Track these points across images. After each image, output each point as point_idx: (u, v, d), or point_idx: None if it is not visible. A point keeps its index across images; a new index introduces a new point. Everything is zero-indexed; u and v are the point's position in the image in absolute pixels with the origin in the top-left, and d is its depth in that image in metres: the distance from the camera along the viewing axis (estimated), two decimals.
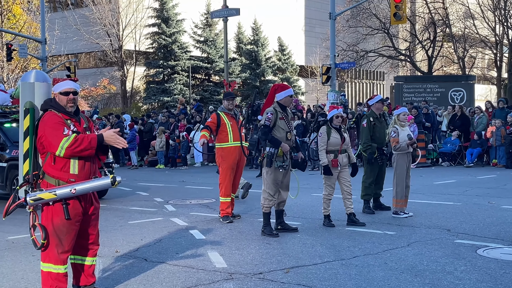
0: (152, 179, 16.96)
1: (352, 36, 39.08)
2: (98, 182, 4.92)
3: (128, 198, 12.78)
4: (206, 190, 13.90)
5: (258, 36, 46.73)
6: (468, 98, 26.25)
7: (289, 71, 48.53)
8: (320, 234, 8.25)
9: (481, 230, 8.19)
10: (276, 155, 8.04)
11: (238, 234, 8.36)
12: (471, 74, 38.77)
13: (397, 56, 39.75)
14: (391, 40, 38.35)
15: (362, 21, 38.08)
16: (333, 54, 24.92)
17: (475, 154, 17.99)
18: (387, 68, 43.08)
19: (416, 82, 28.58)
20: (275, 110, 8.13)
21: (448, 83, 27.82)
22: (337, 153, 8.77)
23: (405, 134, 9.41)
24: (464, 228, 8.39)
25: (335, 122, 8.83)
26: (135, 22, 43.88)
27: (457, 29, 40.79)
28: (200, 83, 44.65)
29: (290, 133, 8.18)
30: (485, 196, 11.47)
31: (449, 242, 7.47)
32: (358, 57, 38.14)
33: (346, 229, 8.50)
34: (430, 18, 38.27)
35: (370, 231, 8.30)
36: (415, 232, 8.15)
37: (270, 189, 8.17)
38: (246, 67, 45.78)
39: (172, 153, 21.18)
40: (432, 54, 38.74)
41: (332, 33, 25.16)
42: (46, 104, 5.01)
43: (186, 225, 9.19)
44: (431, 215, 9.46)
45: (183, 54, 42.56)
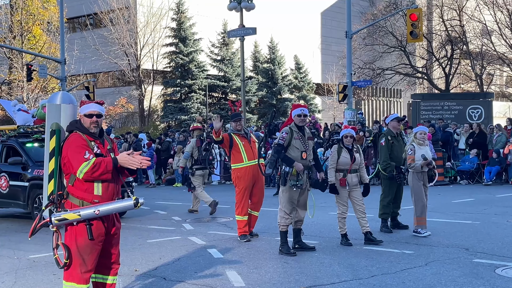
0: (170, 198, 17.06)
1: (369, 54, 39.19)
2: (121, 203, 5.02)
3: (146, 216, 12.89)
4: (223, 208, 13.95)
5: (274, 54, 47.00)
6: (486, 115, 26.14)
7: (305, 89, 48.66)
8: (337, 253, 8.27)
9: (500, 249, 8.16)
10: (290, 174, 8.11)
11: (256, 253, 8.41)
12: (489, 91, 38.63)
13: (414, 74, 39.73)
14: (408, 57, 38.37)
15: (379, 39, 38.20)
16: (349, 72, 25.02)
17: (494, 172, 17.89)
18: (404, 86, 43.02)
19: (434, 100, 28.52)
20: (290, 130, 8.23)
21: (466, 101, 27.73)
22: (346, 173, 8.84)
23: (420, 153, 9.39)
24: (482, 247, 8.37)
25: (345, 142, 8.92)
26: (152, 41, 44.38)
27: (474, 47, 40.69)
28: (217, 102, 44.90)
29: (306, 152, 8.24)
30: (503, 215, 11.41)
31: (468, 261, 7.45)
32: (374, 74, 38.20)
33: (364, 248, 8.51)
34: (447, 36, 38.28)
35: (387, 250, 8.31)
36: (433, 251, 8.14)
37: (286, 207, 8.24)
38: (262, 86, 46.01)
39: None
40: (449, 71, 38.68)
41: (348, 51, 25.28)
42: (72, 126, 5.15)
43: (204, 243, 9.26)
44: (449, 234, 9.44)
45: (200, 73, 42.90)
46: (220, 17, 44.66)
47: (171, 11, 43.71)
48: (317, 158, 8.65)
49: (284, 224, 8.27)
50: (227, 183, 21.44)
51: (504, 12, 38.47)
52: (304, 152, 8.23)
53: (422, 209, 9.38)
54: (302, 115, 8.26)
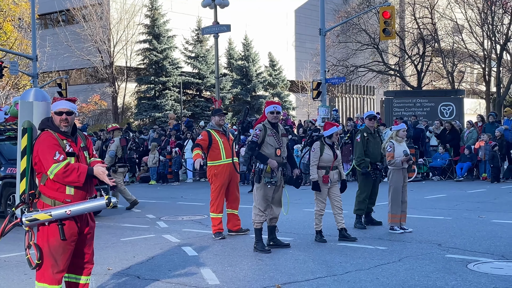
0: (144, 196, 16.93)
1: (342, 51, 39.38)
2: (93, 203, 4.95)
3: (120, 215, 12.77)
4: (198, 206, 13.91)
5: (249, 51, 46.96)
6: (457, 112, 26.43)
7: (280, 86, 48.73)
8: (312, 249, 8.29)
9: (472, 245, 8.26)
10: (264, 171, 8.11)
11: (231, 251, 8.39)
12: (460, 88, 39.14)
13: (387, 71, 40.06)
14: (381, 55, 38.66)
15: (352, 36, 38.41)
16: (323, 69, 25.10)
17: (465, 168, 18.13)
18: (377, 83, 43.36)
19: (406, 97, 28.75)
20: (264, 127, 8.23)
21: (438, 98, 28.01)
22: (329, 170, 8.84)
23: (401, 149, 9.44)
24: (454, 242, 8.46)
25: (333, 139, 8.92)
26: (126, 38, 44.01)
27: (446, 44, 41.20)
28: (191, 99, 44.73)
29: (280, 149, 8.24)
30: (475, 210, 11.57)
31: (440, 257, 7.53)
32: (348, 72, 38.40)
33: (338, 245, 8.55)
34: (419, 33, 38.66)
35: (361, 246, 8.36)
36: (406, 247, 8.21)
37: (260, 205, 8.23)
38: (237, 83, 45.95)
39: (162, 169, 21.19)
40: (421, 69, 39.07)
41: (322, 49, 25.36)
42: (43, 124, 5.04)
43: (178, 241, 9.20)
44: (422, 230, 9.53)
45: (174, 70, 42.68)
46: (194, 14, 44.48)
47: (144, 8, 43.38)
48: (291, 154, 8.65)
49: (258, 222, 8.27)
50: (201, 181, 21.37)
51: (474, 10, 39.01)
52: (278, 149, 8.23)
53: (397, 206, 9.42)
54: (275, 112, 8.26)
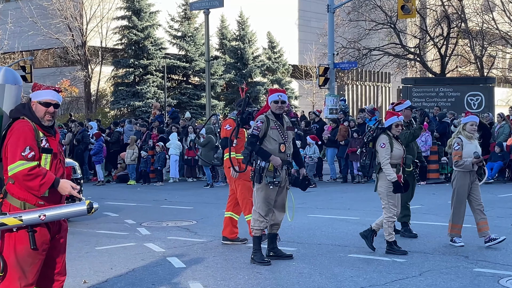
0: (122, 198, 16.95)
1: (354, 31, 39.38)
2: (72, 208, 4.92)
3: (94, 220, 12.77)
4: (185, 210, 13.92)
5: (244, 31, 46.98)
6: (487, 103, 26.58)
7: (280, 71, 48.80)
8: (318, 261, 8.31)
9: (504, 257, 8.30)
10: (266, 169, 8.12)
11: (224, 262, 8.41)
12: (490, 76, 39.18)
13: (405, 55, 40.07)
14: (398, 36, 38.66)
15: (365, 14, 38.39)
16: (331, 53, 25.15)
17: (496, 168, 18.18)
18: (394, 69, 43.40)
19: (427, 85, 28.88)
20: (266, 118, 8.22)
21: (464, 86, 28.14)
22: (399, 167, 8.81)
23: (471, 148, 9.15)
24: (484, 254, 8.51)
25: (394, 132, 8.85)
26: (101, 14, 43.96)
27: (474, 24, 41.20)
28: (177, 85, 44.73)
29: (285, 144, 8.24)
30: (507, 217, 11.62)
31: (467, 271, 7.57)
32: (360, 55, 38.39)
33: (349, 256, 8.58)
34: (443, 11, 38.65)
35: (376, 258, 8.40)
36: (428, 260, 8.25)
37: (261, 209, 8.22)
38: (230, 67, 45.97)
39: (144, 167, 21.20)
40: (445, 52, 39.09)
41: (330, 28, 25.41)
42: (18, 111, 4.98)
43: (163, 251, 9.22)
44: (446, 240, 9.56)
45: (157, 51, 42.66)
46: None
47: None
48: (297, 151, 8.65)
49: (258, 228, 8.26)
50: (188, 180, 21.37)
51: None
52: (282, 144, 8.22)
53: (459, 215, 9.25)
54: (279, 102, 8.25)
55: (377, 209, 13.27)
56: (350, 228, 10.84)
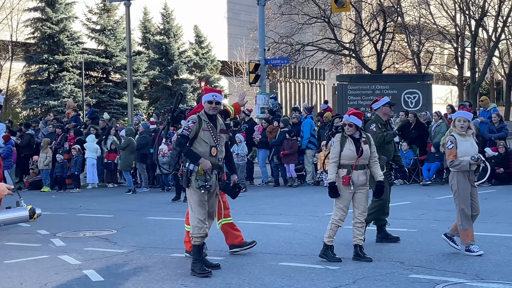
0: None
1: (286, 25, 39.75)
2: (11, 214, 4.81)
3: (3, 231, 12.45)
4: (104, 219, 13.75)
5: (169, 24, 46.75)
6: (424, 101, 27.11)
7: (208, 68, 48.78)
8: (247, 271, 8.33)
9: (440, 262, 8.50)
10: (196, 173, 8.10)
11: (146, 274, 8.34)
12: (428, 72, 40.21)
13: (340, 51, 40.70)
14: (333, 31, 39.24)
15: (298, 7, 38.82)
16: (262, 48, 25.29)
17: (433, 169, 18.63)
18: (329, 65, 44.02)
19: (363, 83, 29.27)
20: (199, 119, 8.19)
21: (401, 84, 28.63)
22: (351, 169, 8.80)
23: (466, 146, 9.01)
24: (420, 260, 8.69)
25: (346, 131, 8.84)
26: (11, 5, 42.94)
27: (411, 19, 42.24)
28: (96, 83, 44.14)
29: (216, 148, 8.20)
30: (445, 221, 11.88)
31: (403, 278, 7.71)
32: (293, 51, 38.80)
33: (280, 265, 8.63)
34: (378, 5, 39.44)
35: (308, 266, 8.47)
36: (362, 266, 8.37)
37: (199, 213, 8.14)
38: (154, 63, 45.67)
39: (59, 172, 20.83)
40: (381, 48, 39.90)
41: (261, 22, 25.54)
42: None
43: (79, 264, 9.08)
44: (381, 245, 9.74)
45: (74, 46, 42.01)
46: None
47: None
48: (230, 156, 8.61)
49: (198, 236, 8.15)
50: (109, 186, 21.10)
51: None
52: (214, 147, 8.19)
53: (468, 220, 9.03)
54: (214, 102, 8.22)
55: (310, 214, 13.46)
56: (282, 235, 10.92)
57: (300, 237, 10.73)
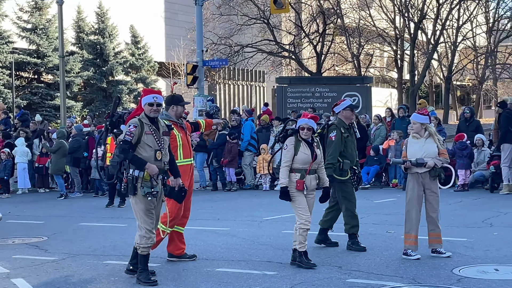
0: None
1: (225, 26, 39.78)
2: None
3: None
4: (34, 225, 13.52)
5: (104, 24, 46.27)
6: (364, 104, 27.54)
7: (145, 69, 48.45)
8: (183, 277, 8.32)
9: (378, 267, 8.64)
10: (142, 179, 7.96)
11: (78, 283, 8.24)
12: (367, 75, 40.78)
13: (280, 53, 40.93)
14: (272, 32, 39.45)
15: (237, 8, 38.92)
16: (200, 49, 25.25)
17: (372, 173, 18.89)
18: (268, 67, 44.23)
19: (303, 85, 29.58)
20: (140, 122, 8.05)
21: (341, 86, 29.07)
22: (305, 173, 8.80)
23: (417, 148, 9.14)
24: (358, 264, 8.81)
25: (302, 135, 8.84)
26: None
27: (351, 21, 42.76)
28: (27, 84, 43.37)
29: (161, 152, 8.09)
30: (383, 224, 12.10)
31: (341, 282, 7.81)
32: (232, 52, 38.84)
33: (217, 270, 8.64)
34: (318, 7, 39.81)
35: (246, 272, 8.50)
36: (300, 271, 8.44)
37: (146, 223, 8.02)
38: (89, 64, 45.14)
39: None
40: (321, 50, 40.30)
41: (199, 23, 25.50)
42: None
43: (7, 272, 8.91)
44: (319, 250, 9.84)
45: (3, 45, 41.27)
46: None
47: None
48: (173, 159, 8.47)
49: (146, 246, 8.04)
50: (40, 191, 20.76)
51: None
52: (158, 151, 8.06)
53: (411, 223, 9.18)
54: (155, 104, 8.11)
55: (249, 218, 13.51)
56: (219, 240, 10.93)
57: (238, 242, 10.76)
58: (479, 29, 48.24)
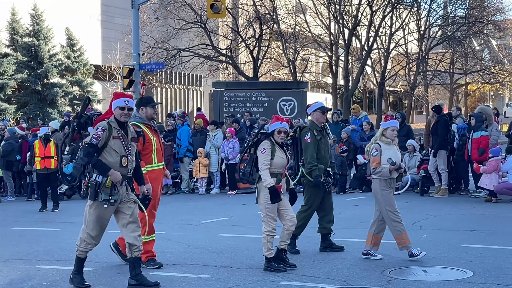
0: None
1: (162, 30, 39.57)
2: None
3: None
4: None
5: (39, 26, 45.36)
6: (299, 109, 27.77)
7: (81, 72, 47.71)
8: (117, 282, 8.28)
9: (311, 269, 8.74)
10: (104, 185, 7.74)
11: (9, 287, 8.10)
12: (303, 80, 41.12)
13: (217, 57, 40.94)
14: (209, 37, 39.41)
15: (174, 12, 38.73)
16: (136, 53, 25.05)
17: None
18: (205, 71, 44.15)
19: (239, 89, 29.67)
20: (109, 126, 7.85)
21: (277, 91, 29.27)
22: (281, 177, 8.76)
23: (390, 154, 9.23)
24: None
25: (277, 138, 8.78)
26: None
27: (287, 26, 43.07)
28: None
29: (127, 158, 7.91)
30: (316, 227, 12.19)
31: (274, 285, 7.87)
32: (169, 56, 38.66)
33: (151, 274, 8.57)
34: (255, 12, 39.97)
35: (180, 275, 8.49)
36: (235, 274, 8.47)
37: (92, 229, 7.85)
38: (23, 66, 44.18)
39: None
40: (257, 55, 40.45)
41: (135, 26, 25.28)
42: None
43: None
44: (254, 252, 9.88)
45: None
46: None
47: None
48: (139, 166, 8.33)
49: (84, 250, 7.93)
50: None
51: None
52: (125, 157, 7.87)
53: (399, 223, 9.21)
54: (126, 108, 7.96)
55: (184, 222, 13.48)
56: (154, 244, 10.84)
57: (173, 246, 10.73)
58: (411, 36, 49.20)
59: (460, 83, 57.58)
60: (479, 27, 43.93)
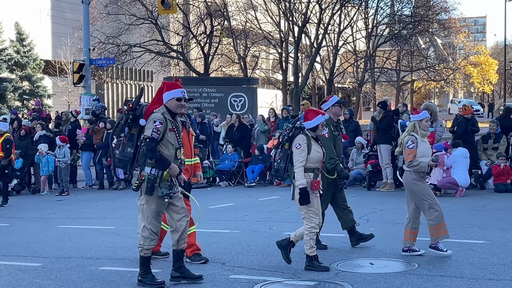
0: None
1: (113, 25, 39.16)
2: None
3: None
4: None
5: None
6: (250, 105, 27.83)
7: (30, 67, 47.03)
8: (66, 277, 8.14)
9: (260, 262, 8.74)
10: (161, 179, 7.45)
11: None
12: (253, 76, 41.18)
13: (168, 53, 40.73)
14: (160, 33, 39.19)
15: (125, 7, 38.38)
16: (87, 48, 24.78)
17: (257, 171, 19.10)
18: (157, 67, 43.91)
19: (190, 85, 29.49)
20: (164, 118, 7.49)
21: (228, 87, 29.26)
22: (318, 172, 8.39)
23: (425, 148, 8.94)
24: (241, 260, 8.89)
25: (318, 132, 8.47)
26: None
27: (237, 23, 43.07)
28: None
29: (180, 150, 7.65)
30: (265, 221, 12.25)
31: (223, 279, 7.85)
32: (120, 52, 38.32)
33: (101, 269, 8.51)
34: (206, 8, 39.88)
35: (130, 270, 8.38)
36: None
37: (153, 225, 7.55)
38: None
39: None
40: (208, 51, 40.37)
41: (85, 21, 25.02)
42: None
43: None
44: (204, 247, 9.79)
45: None
46: None
47: None
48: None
49: (148, 247, 7.59)
50: None
51: None
52: (178, 149, 7.62)
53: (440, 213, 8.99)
54: (183, 99, 7.56)
55: (134, 217, 13.30)
56: (104, 239, 10.76)
57: (123, 240, 10.62)
58: (359, 34, 49.61)
59: (406, 80, 58.42)
60: (425, 25, 44.65)
